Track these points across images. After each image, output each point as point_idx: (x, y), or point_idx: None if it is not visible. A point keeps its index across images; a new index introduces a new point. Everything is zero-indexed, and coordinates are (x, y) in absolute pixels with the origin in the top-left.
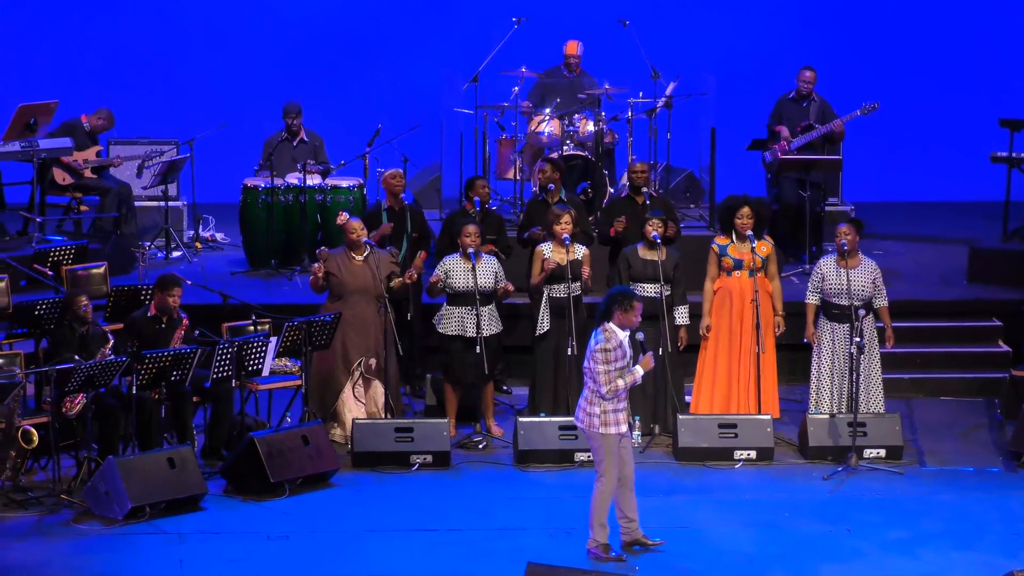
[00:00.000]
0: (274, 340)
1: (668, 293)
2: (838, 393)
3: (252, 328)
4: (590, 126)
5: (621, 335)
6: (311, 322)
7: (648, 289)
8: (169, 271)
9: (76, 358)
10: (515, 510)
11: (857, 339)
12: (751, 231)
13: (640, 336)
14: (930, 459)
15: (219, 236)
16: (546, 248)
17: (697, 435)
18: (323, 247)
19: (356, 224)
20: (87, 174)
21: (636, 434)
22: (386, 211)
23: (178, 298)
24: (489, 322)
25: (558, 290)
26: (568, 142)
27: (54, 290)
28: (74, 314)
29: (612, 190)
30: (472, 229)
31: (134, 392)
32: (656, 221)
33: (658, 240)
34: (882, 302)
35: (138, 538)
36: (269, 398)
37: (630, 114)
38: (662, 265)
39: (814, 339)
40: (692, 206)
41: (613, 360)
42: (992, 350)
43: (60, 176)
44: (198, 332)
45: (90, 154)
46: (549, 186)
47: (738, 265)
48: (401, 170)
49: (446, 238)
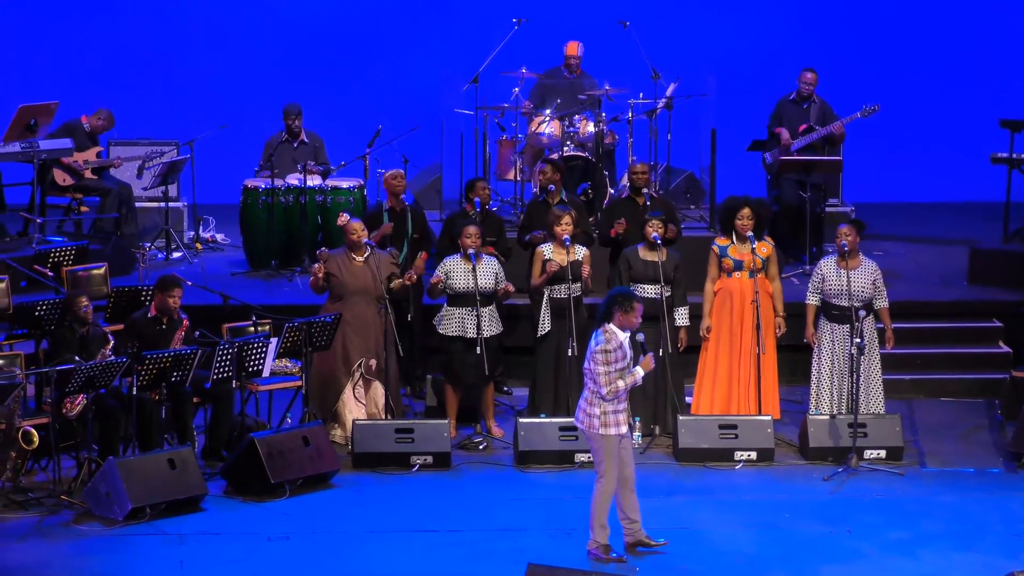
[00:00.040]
0: (274, 341)
1: (668, 294)
2: (838, 394)
3: (252, 329)
4: (590, 127)
5: (621, 336)
6: (311, 323)
7: (648, 290)
8: (169, 272)
9: (76, 359)
10: (515, 511)
11: (857, 340)
12: (751, 232)
13: (640, 337)
14: (930, 460)
15: (219, 237)
16: (546, 249)
17: (697, 436)
18: (323, 248)
19: (357, 225)
20: (87, 175)
21: (636, 435)
22: (387, 212)
23: (178, 299)
24: (489, 323)
25: (558, 291)
26: (568, 143)
27: (54, 291)
28: (74, 315)
29: (612, 191)
30: (472, 230)
31: (134, 393)
32: (656, 222)
33: (658, 241)
34: (882, 303)
35: (138, 539)
36: (269, 399)
37: (630, 115)
38: (662, 266)
39: (814, 340)
40: (692, 207)
41: (613, 361)
42: (992, 351)
43: (60, 177)
44: (198, 333)
45: (90, 155)
46: (549, 187)
47: (738, 266)
48: (402, 171)
49: (446, 239)
